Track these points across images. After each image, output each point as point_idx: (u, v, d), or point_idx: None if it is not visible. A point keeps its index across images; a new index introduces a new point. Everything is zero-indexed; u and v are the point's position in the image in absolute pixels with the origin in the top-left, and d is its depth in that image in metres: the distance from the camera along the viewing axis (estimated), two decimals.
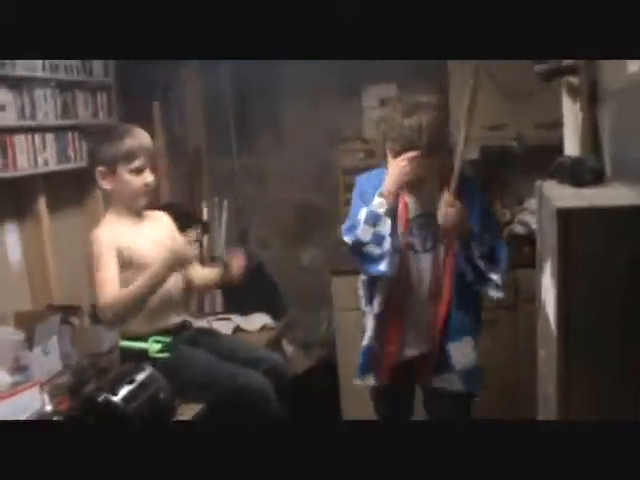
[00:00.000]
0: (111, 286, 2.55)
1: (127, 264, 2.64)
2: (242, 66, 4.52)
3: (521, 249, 3.97)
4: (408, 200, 2.73)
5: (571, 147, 2.51)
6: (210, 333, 3.11)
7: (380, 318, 2.75)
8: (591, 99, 2.30)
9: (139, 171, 2.70)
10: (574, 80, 2.43)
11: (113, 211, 2.76)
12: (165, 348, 2.72)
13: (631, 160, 2.00)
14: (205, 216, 4.37)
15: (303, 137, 4.71)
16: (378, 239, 2.55)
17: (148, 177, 2.73)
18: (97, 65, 3.77)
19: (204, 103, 4.75)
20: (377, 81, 4.38)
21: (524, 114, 3.98)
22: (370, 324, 2.78)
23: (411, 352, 2.79)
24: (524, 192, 4.36)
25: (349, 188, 4.44)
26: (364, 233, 2.56)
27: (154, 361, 2.64)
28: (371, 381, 2.84)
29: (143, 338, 2.74)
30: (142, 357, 2.67)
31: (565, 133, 2.55)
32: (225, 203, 4.61)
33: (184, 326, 2.92)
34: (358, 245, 2.59)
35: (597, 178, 2.09)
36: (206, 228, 4.23)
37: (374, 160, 4.40)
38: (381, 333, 2.77)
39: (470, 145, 4.10)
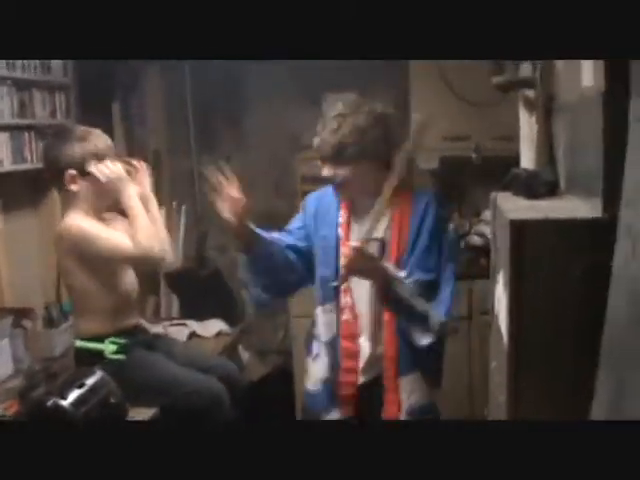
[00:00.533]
0: (126, 239, 2.60)
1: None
2: (204, 68, 4.50)
3: (478, 260, 4.01)
4: (353, 223, 2.57)
5: (527, 159, 2.54)
6: (166, 339, 3.09)
7: (331, 346, 2.59)
8: (546, 112, 2.33)
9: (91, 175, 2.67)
10: (530, 93, 2.47)
11: (77, 212, 2.70)
12: (121, 349, 2.69)
13: (584, 173, 2.02)
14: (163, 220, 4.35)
15: (264, 143, 4.70)
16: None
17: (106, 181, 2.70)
18: (56, 64, 3.71)
19: (165, 105, 4.72)
20: (339, 89, 4.38)
21: (483, 125, 4.03)
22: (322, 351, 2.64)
23: (363, 379, 2.57)
24: (482, 203, 4.40)
25: (306, 194, 4.48)
26: None
27: (109, 362, 2.62)
28: (335, 415, 2.58)
29: (99, 339, 2.71)
30: (97, 358, 2.65)
31: (521, 145, 2.59)
32: (183, 208, 4.61)
33: (140, 329, 2.90)
34: None
35: (551, 190, 2.12)
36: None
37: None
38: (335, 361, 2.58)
39: (430, 155, 4.17)
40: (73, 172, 2.65)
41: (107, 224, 2.76)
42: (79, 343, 2.75)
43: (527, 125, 2.52)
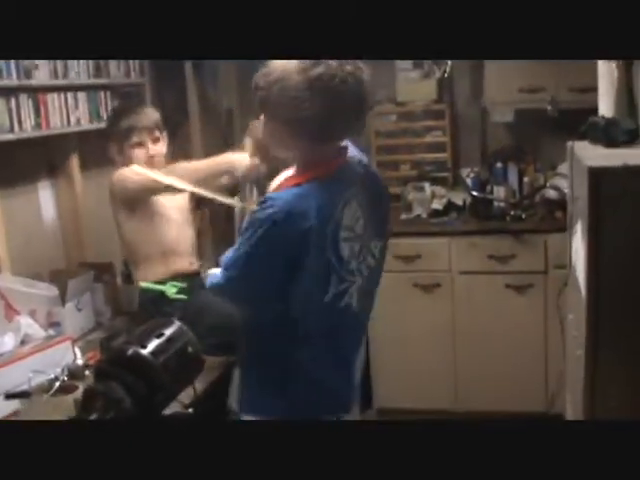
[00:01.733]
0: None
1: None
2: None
3: (553, 214, 3.93)
4: None
5: (605, 108, 2.47)
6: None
7: None
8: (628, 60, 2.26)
9: (139, 145, 2.95)
10: None
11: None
12: (182, 291, 2.84)
13: None
14: None
15: None
16: None
17: (151, 150, 2.96)
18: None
19: (237, 64, 4.72)
20: None
21: (559, 77, 3.92)
22: None
23: None
24: (557, 157, 4.30)
25: (381, 150, 4.45)
26: None
27: (173, 302, 2.80)
28: None
29: (161, 283, 2.88)
30: (160, 299, 2.84)
31: (599, 94, 2.52)
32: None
33: (197, 272, 2.98)
34: None
35: (631, 139, 2.06)
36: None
37: (406, 123, 4.39)
38: None
39: (505, 108, 4.09)
40: (112, 145, 3.00)
41: None
42: (143, 284, 2.87)
43: (606, 73, 2.44)
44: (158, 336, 1.92)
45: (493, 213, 4.01)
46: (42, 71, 3.08)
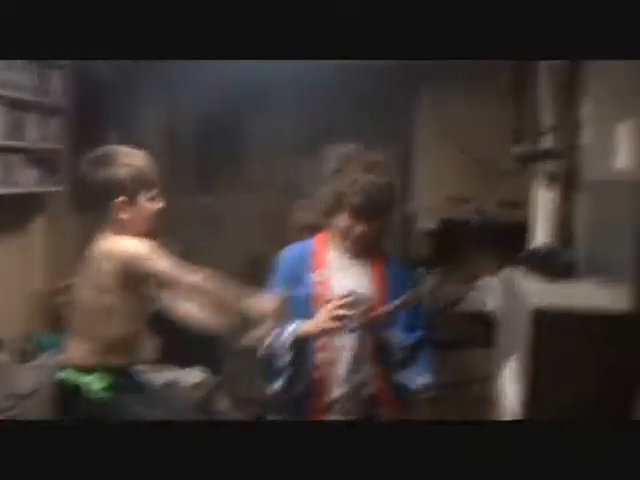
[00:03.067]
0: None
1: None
2: (207, 106, 4.41)
3: (473, 328, 3.87)
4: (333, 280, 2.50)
5: (542, 234, 2.43)
6: (144, 384, 2.90)
7: None
8: (569, 187, 2.23)
9: (154, 198, 2.50)
10: (551, 165, 2.36)
11: (128, 236, 2.56)
12: (108, 388, 2.51)
13: (607, 256, 1.91)
14: None
15: (264, 186, 4.59)
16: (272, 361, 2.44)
17: (161, 202, 2.53)
18: (54, 85, 3.58)
19: (164, 136, 4.60)
20: (340, 139, 4.27)
21: (487, 189, 3.94)
22: None
23: None
24: (478, 269, 4.29)
25: None
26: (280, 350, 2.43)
27: (89, 400, 2.45)
28: None
29: (87, 370, 2.53)
30: (77, 393, 2.48)
31: (537, 219, 2.47)
32: (172, 245, 4.45)
33: (130, 370, 2.70)
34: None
35: (569, 271, 2.00)
36: None
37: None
38: None
39: (430, 215, 4.08)
40: (123, 199, 2.52)
41: None
42: (62, 374, 2.57)
43: (544, 198, 2.41)
44: None
45: None
46: None
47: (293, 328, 2.40)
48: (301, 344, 2.39)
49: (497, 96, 2.38)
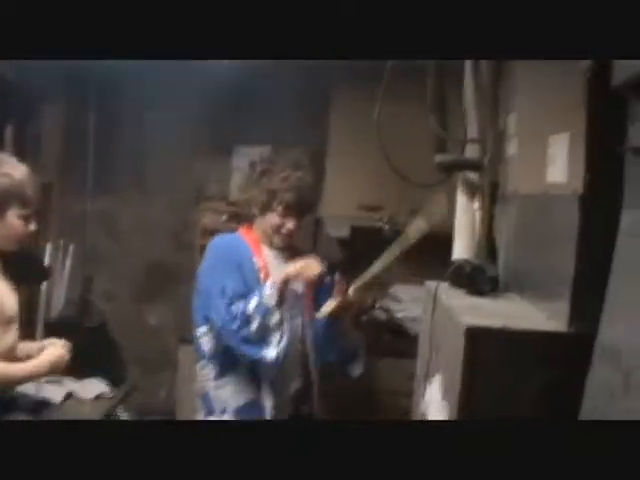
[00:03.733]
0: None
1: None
2: (109, 103, 4.23)
3: (381, 337, 3.83)
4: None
5: (461, 248, 2.38)
6: (38, 400, 2.71)
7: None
8: (492, 201, 2.19)
9: (27, 218, 2.31)
10: (473, 176, 2.32)
11: None
12: None
13: (530, 271, 1.88)
14: (47, 260, 3.98)
15: (167, 190, 4.41)
16: (265, 329, 2.47)
17: (34, 225, 2.36)
18: None
19: (63, 137, 4.37)
20: (250, 143, 4.15)
21: (399, 197, 3.89)
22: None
23: None
24: (389, 277, 4.25)
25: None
26: (254, 323, 2.46)
27: None
28: None
29: None
30: None
31: (456, 231, 2.42)
32: (71, 248, 4.24)
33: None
34: (245, 333, 2.47)
35: (494, 287, 1.96)
36: (48, 272, 3.85)
37: (235, 224, 4.18)
38: None
39: (341, 222, 4.00)
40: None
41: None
42: None
43: (464, 211, 2.36)
44: None
45: None
46: None
47: (260, 294, 2.47)
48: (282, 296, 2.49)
49: (420, 102, 2.31)
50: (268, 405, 2.58)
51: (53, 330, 3.51)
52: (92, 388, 3.40)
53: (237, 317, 2.45)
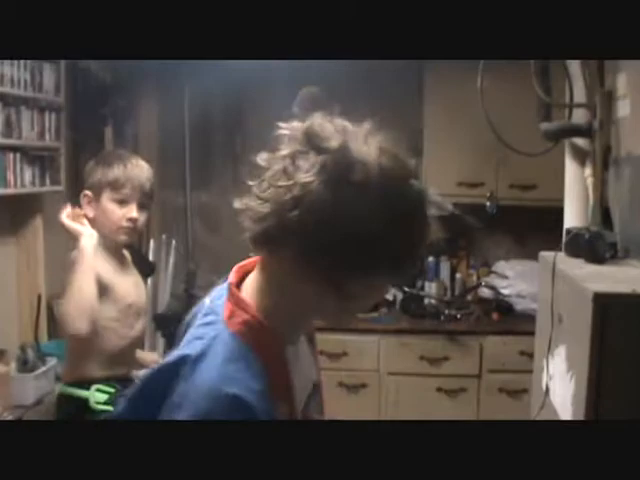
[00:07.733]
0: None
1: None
2: (204, 98, 4.27)
3: (489, 314, 3.76)
4: None
5: (573, 215, 2.30)
6: None
7: None
8: (604, 166, 2.11)
9: (122, 202, 2.39)
10: (582, 142, 2.24)
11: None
12: (109, 400, 2.36)
13: None
14: (152, 255, 4.07)
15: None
16: None
17: (132, 211, 2.40)
18: (48, 82, 3.41)
19: (160, 135, 4.45)
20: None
21: (499, 173, 3.82)
22: None
23: None
24: (491, 254, 4.17)
25: None
26: None
27: (93, 414, 2.31)
28: None
29: (86, 385, 2.38)
30: (81, 407, 2.34)
31: (566, 200, 2.34)
32: (173, 243, 4.32)
33: (130, 378, 2.55)
34: None
35: (614, 253, 1.89)
36: (153, 267, 3.93)
37: None
38: None
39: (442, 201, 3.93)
40: (87, 193, 2.39)
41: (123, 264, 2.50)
42: (63, 388, 2.42)
43: (574, 178, 2.28)
44: None
45: (426, 311, 3.82)
46: None
47: None
48: None
49: (521, 69, 2.24)
50: None
51: (160, 324, 3.59)
52: None
53: None
